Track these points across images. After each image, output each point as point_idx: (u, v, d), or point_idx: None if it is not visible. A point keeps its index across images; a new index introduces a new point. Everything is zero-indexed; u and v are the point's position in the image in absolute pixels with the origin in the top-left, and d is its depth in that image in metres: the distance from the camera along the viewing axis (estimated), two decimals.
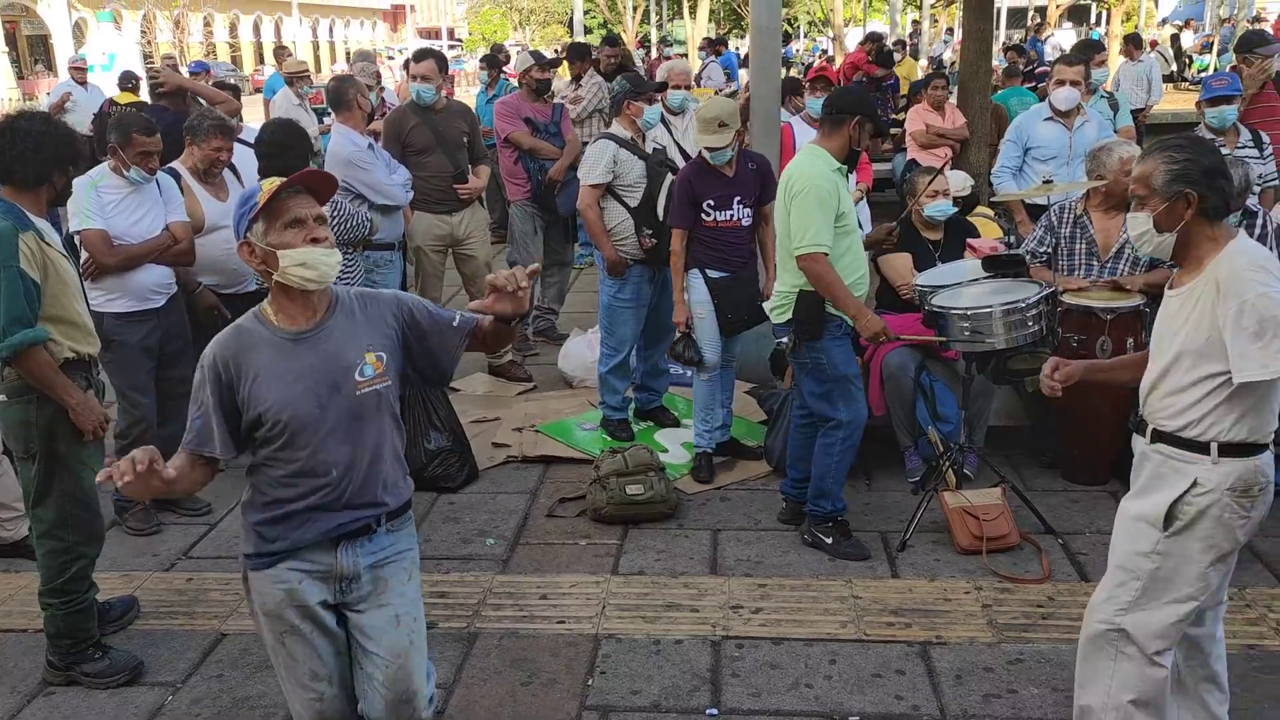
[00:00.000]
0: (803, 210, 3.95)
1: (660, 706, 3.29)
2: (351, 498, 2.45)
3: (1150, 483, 2.73)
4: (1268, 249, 4.67)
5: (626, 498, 4.48)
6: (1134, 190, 2.65)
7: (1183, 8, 33.99)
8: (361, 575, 2.51)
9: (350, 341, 2.44)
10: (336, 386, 2.40)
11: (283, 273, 2.36)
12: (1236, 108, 5.55)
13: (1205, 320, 2.56)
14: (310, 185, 2.45)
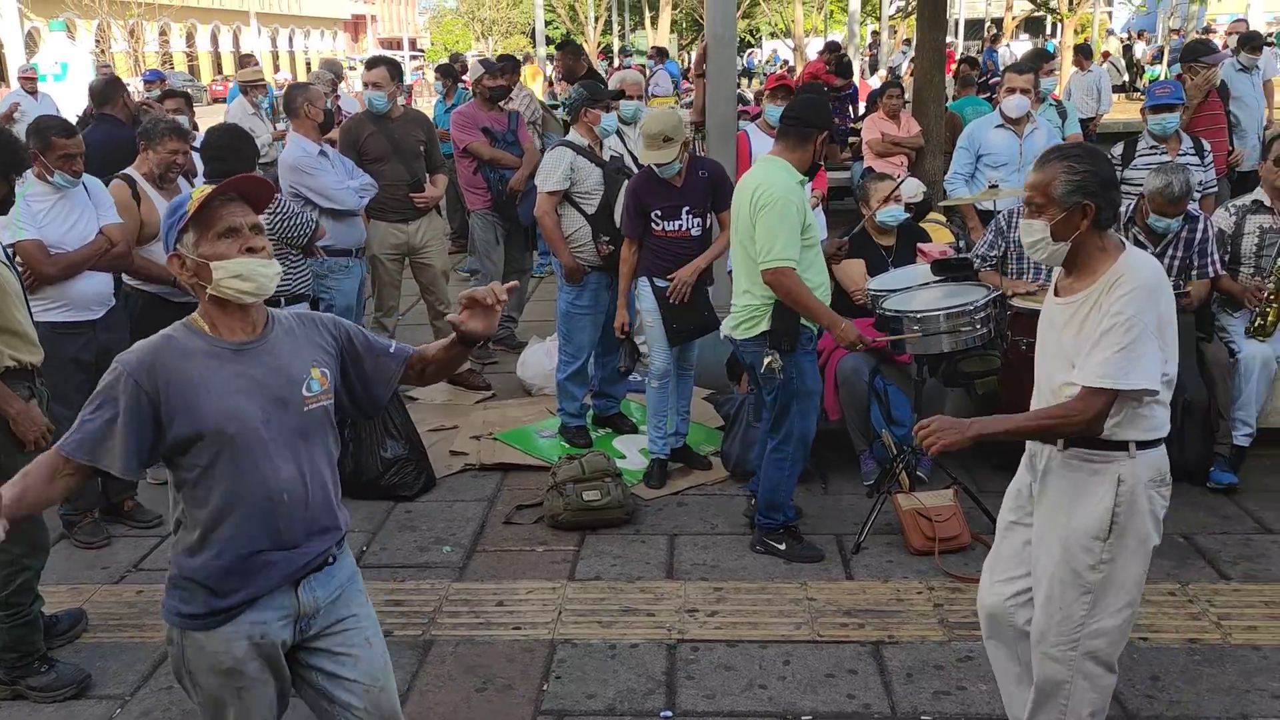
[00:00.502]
0: (770, 224, 3.89)
1: (615, 710, 3.30)
2: (309, 526, 2.29)
3: (1071, 494, 2.70)
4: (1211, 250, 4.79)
5: (583, 504, 4.49)
6: (1031, 198, 2.63)
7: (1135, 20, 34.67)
8: (320, 612, 2.35)
9: (295, 355, 2.29)
10: (283, 402, 2.24)
11: (216, 285, 2.19)
12: (1179, 115, 5.67)
13: (1090, 330, 2.58)
14: (244, 191, 2.28)
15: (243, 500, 2.20)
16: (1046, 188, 2.60)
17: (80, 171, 4.20)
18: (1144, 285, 2.54)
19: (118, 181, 4.66)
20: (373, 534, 4.57)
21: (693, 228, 4.75)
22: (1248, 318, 4.82)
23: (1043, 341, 2.77)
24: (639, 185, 4.78)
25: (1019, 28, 30.23)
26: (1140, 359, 2.52)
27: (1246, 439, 4.80)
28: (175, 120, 4.91)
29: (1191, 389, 4.69)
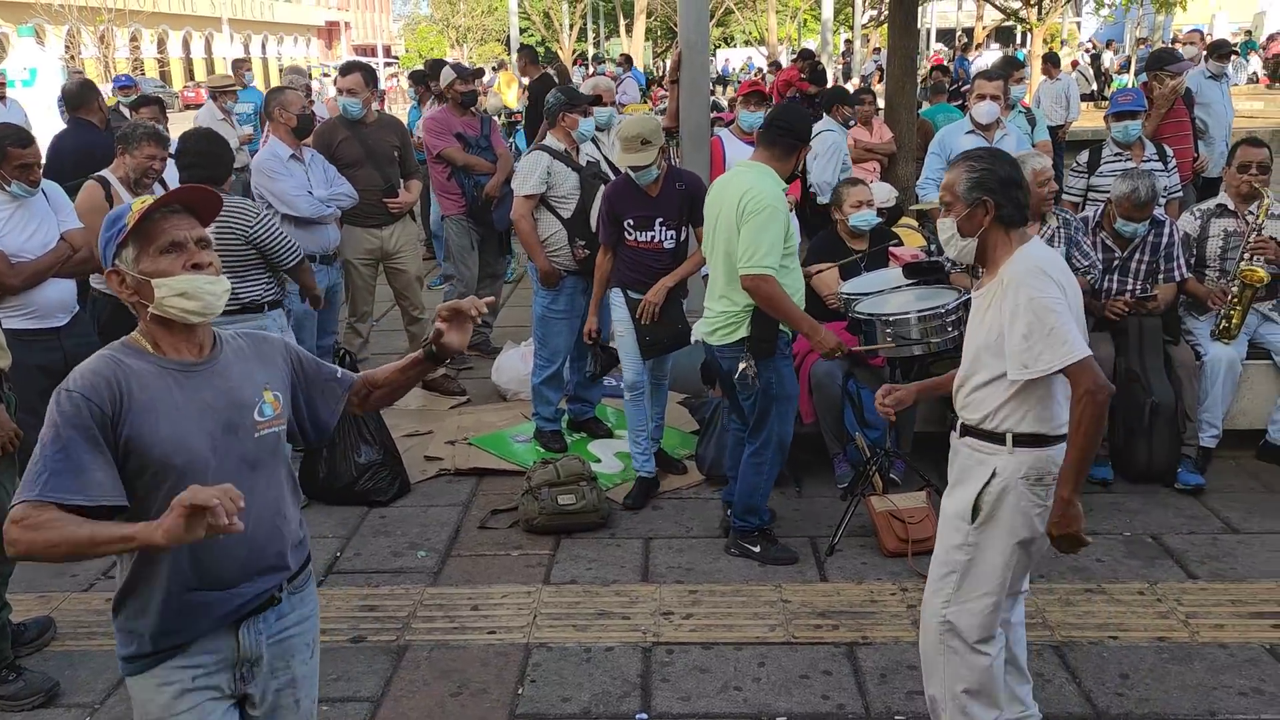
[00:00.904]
0: (757, 230, 3.86)
1: (590, 713, 3.30)
2: (249, 564, 2.09)
3: (959, 477, 2.87)
4: (1177, 253, 4.86)
5: (558, 508, 4.49)
6: (943, 197, 2.81)
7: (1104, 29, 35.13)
8: (264, 655, 2.16)
9: (247, 378, 2.13)
10: (232, 427, 2.06)
11: (159, 304, 2.00)
12: (1141, 122, 5.75)
13: (995, 320, 2.71)
14: (190, 203, 2.09)
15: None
16: (952, 186, 2.77)
17: (38, 181, 4.14)
18: (1034, 268, 2.67)
19: (91, 182, 4.63)
20: (347, 539, 4.55)
21: (666, 240, 4.68)
22: (1213, 320, 4.89)
23: (968, 333, 2.88)
24: (613, 192, 4.76)
25: (989, 37, 30.53)
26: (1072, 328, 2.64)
27: (1213, 440, 4.88)
28: (154, 125, 4.87)
29: (1159, 391, 4.76)
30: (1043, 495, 2.75)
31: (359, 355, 6.09)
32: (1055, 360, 2.61)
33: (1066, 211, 5.06)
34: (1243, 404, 4.99)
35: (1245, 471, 4.98)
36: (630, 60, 19.08)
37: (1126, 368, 4.82)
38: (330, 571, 4.27)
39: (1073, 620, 3.73)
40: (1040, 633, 3.65)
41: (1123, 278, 4.95)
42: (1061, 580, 4.01)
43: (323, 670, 3.49)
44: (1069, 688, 3.35)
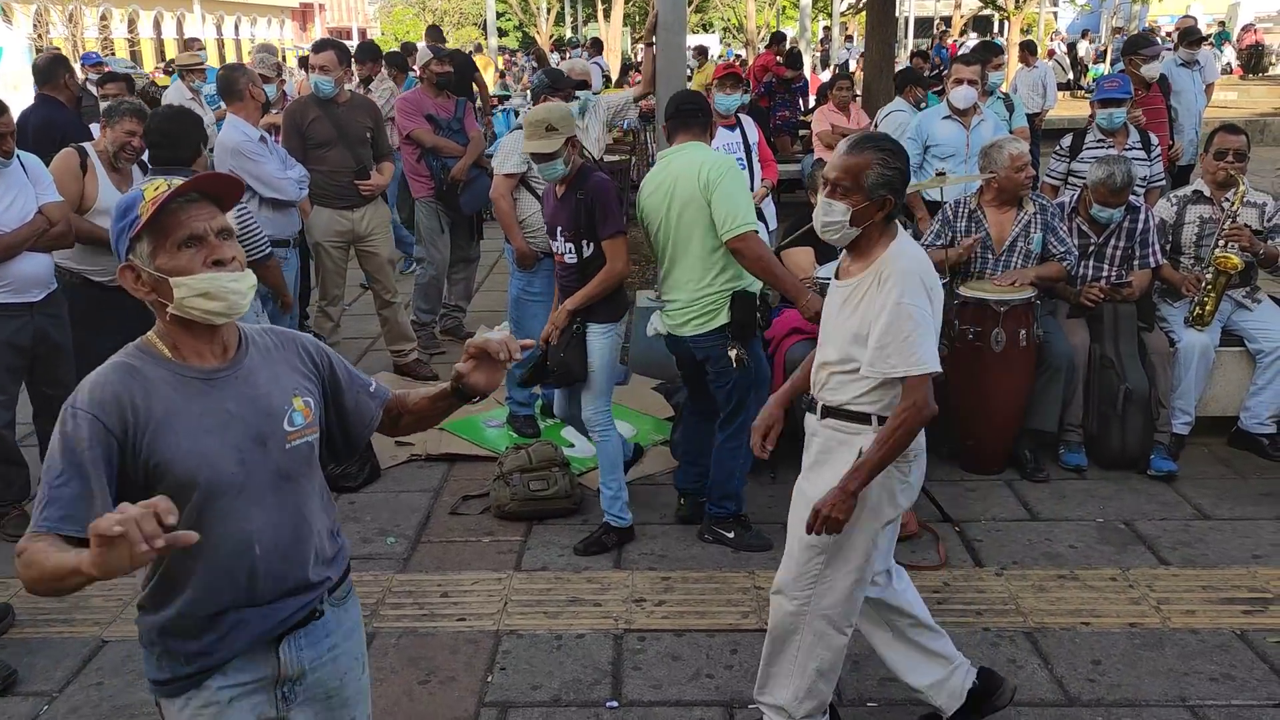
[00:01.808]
0: (729, 193, 3.83)
1: (560, 701, 3.26)
2: (286, 579, 1.94)
3: (820, 458, 2.84)
4: (1152, 240, 4.86)
5: (530, 494, 4.44)
6: (838, 179, 2.66)
7: (1080, 20, 35.25)
8: (307, 673, 2.01)
9: (274, 384, 1.95)
10: (263, 440, 1.89)
11: (179, 305, 1.82)
12: (1126, 110, 5.75)
13: (867, 310, 2.67)
14: (208, 190, 1.89)
15: (207, 553, 1.82)
16: (858, 174, 2.64)
17: (11, 151, 4.08)
18: (912, 272, 2.65)
19: (69, 150, 4.60)
20: None
21: (567, 253, 4.14)
22: (1187, 307, 4.90)
23: (826, 318, 2.85)
24: (548, 190, 4.32)
25: (967, 26, 30.57)
26: (928, 341, 2.62)
27: (1185, 427, 4.89)
28: (139, 103, 4.78)
29: (1133, 378, 4.76)
30: (906, 471, 2.78)
31: (330, 339, 6.01)
32: (900, 367, 2.62)
33: (1043, 197, 5.05)
34: (1215, 391, 5.00)
35: (1217, 458, 4.99)
36: (600, 45, 18.88)
37: (1101, 354, 4.82)
38: (360, 617, 4.19)
39: (1045, 606, 3.72)
40: (1013, 619, 3.64)
41: (1098, 263, 4.95)
42: (1034, 566, 4.01)
43: None
44: (1041, 674, 3.34)
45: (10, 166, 4.08)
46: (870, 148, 2.68)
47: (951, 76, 6.20)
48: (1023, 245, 4.83)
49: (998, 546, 4.18)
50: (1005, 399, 4.69)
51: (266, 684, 1.97)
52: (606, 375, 4.15)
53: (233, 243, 1.89)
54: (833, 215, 2.69)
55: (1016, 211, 4.86)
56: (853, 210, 2.66)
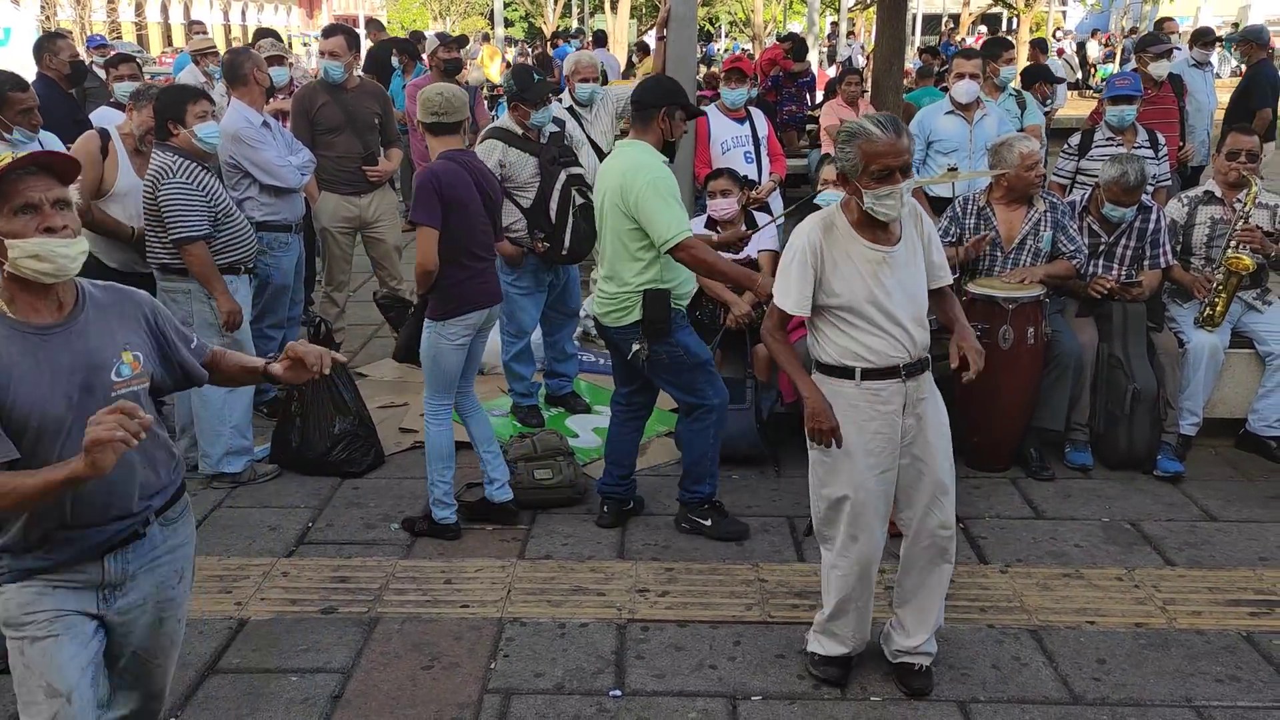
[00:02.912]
0: (654, 203, 3.81)
1: (563, 689, 3.26)
2: (109, 508, 2.23)
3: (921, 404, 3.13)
4: (1163, 240, 4.84)
5: (535, 482, 4.43)
6: (907, 162, 2.89)
7: (1089, 19, 35.16)
8: (128, 580, 2.30)
9: (105, 338, 2.22)
10: (90, 388, 2.16)
11: (13, 264, 2.07)
12: (1136, 108, 5.72)
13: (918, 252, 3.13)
14: (49, 165, 2.15)
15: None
16: (910, 148, 2.92)
17: (39, 124, 4.12)
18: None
19: (90, 133, 4.62)
20: (319, 510, 4.48)
21: None
22: (1197, 308, 4.88)
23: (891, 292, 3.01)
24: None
25: (975, 23, 30.48)
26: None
27: (1193, 428, 4.87)
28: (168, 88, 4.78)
29: (1141, 378, 4.74)
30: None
31: (335, 325, 6.01)
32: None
33: (1054, 195, 5.03)
34: (1223, 392, 4.99)
35: (1224, 460, 4.98)
36: (602, 38, 18.76)
37: (1109, 353, 4.80)
38: (302, 542, 4.20)
39: (1050, 605, 3.71)
40: (1017, 616, 3.63)
41: (1108, 263, 4.93)
42: (1039, 564, 4.00)
43: (293, 640, 3.46)
44: (1045, 671, 3.33)
45: (30, 145, 4.11)
46: (902, 126, 2.91)
47: (953, 71, 6.14)
48: (1032, 243, 4.81)
49: (1002, 544, 4.17)
50: (1012, 397, 4.68)
51: (91, 585, 2.26)
52: (429, 370, 4.14)
53: (67, 213, 2.14)
54: (909, 191, 2.94)
55: (1026, 209, 4.84)
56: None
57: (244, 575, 3.92)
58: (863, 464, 3.05)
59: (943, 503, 3.13)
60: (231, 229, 4.49)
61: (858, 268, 2.98)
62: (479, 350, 4.26)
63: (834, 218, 3.04)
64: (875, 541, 3.14)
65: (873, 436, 3.04)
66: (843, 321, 3.02)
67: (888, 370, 3.01)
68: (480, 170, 4.13)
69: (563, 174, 5.00)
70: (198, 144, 4.38)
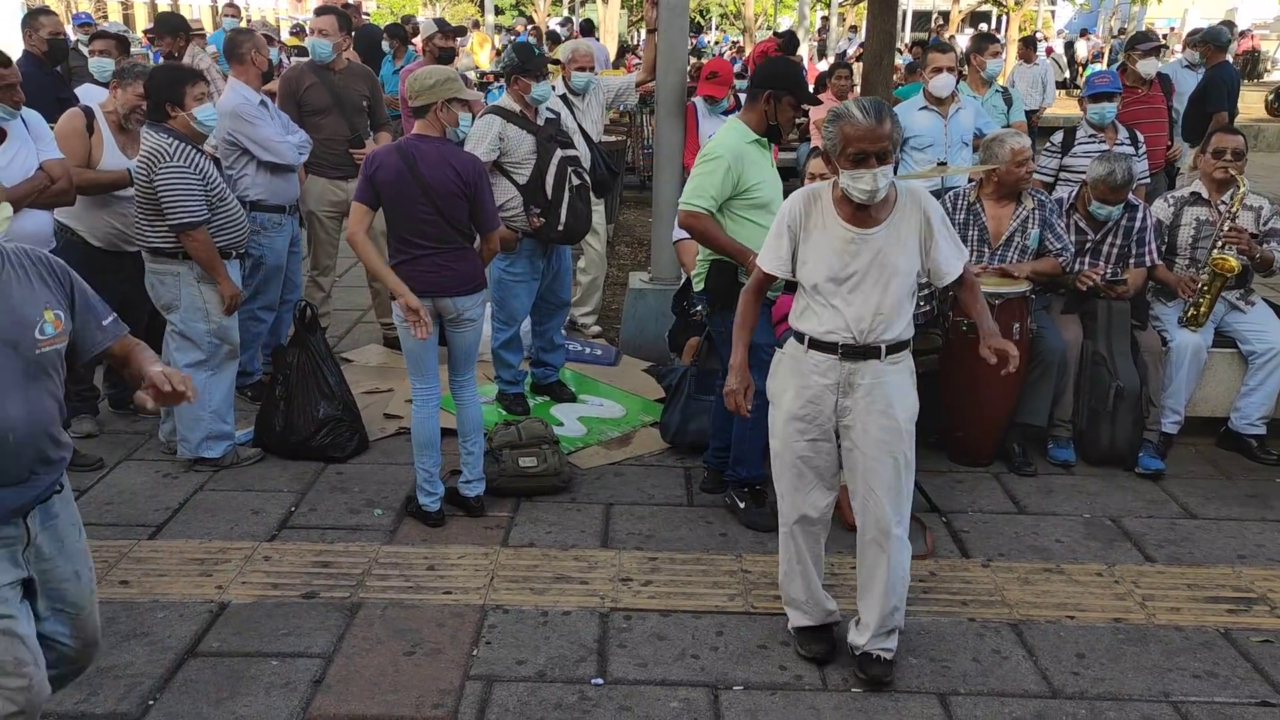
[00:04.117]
0: (697, 174, 4.06)
1: (545, 676, 3.25)
2: (35, 462, 2.31)
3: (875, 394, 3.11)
4: (1149, 239, 4.87)
5: (519, 470, 4.42)
6: (885, 148, 2.90)
7: (1077, 19, 35.28)
8: (38, 537, 2.39)
9: (28, 297, 2.28)
10: (15, 345, 2.23)
11: None
12: (1116, 105, 5.74)
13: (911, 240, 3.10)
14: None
15: None
16: (893, 137, 2.93)
17: (21, 101, 4.07)
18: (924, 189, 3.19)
19: (74, 110, 4.59)
20: (302, 494, 4.46)
21: None
22: (1181, 307, 4.90)
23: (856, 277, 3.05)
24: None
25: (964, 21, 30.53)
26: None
27: (1175, 426, 4.90)
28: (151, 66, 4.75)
29: (1124, 376, 4.77)
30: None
31: (321, 309, 5.96)
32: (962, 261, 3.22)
33: (1041, 193, 5.05)
34: (1205, 391, 5.02)
35: (1205, 458, 5.02)
36: (590, 27, 18.68)
37: (1094, 350, 4.82)
38: (284, 526, 4.18)
39: (1031, 599, 3.73)
40: (998, 610, 3.65)
41: (1094, 260, 4.95)
42: (1021, 559, 4.02)
43: (274, 625, 3.45)
44: (1025, 665, 3.35)
45: (13, 121, 4.05)
46: (886, 112, 2.92)
47: (930, 65, 6.12)
48: (1019, 240, 4.82)
49: (984, 538, 4.19)
50: (996, 392, 4.69)
51: (16, 545, 2.33)
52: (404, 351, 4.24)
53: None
54: (888, 178, 2.95)
55: (1015, 206, 4.85)
56: (892, 167, 2.94)
57: (225, 559, 3.90)
58: (792, 426, 3.18)
59: (877, 497, 3.14)
60: (225, 213, 4.46)
61: (827, 242, 3.05)
62: (456, 341, 4.23)
63: (822, 191, 3.11)
64: (799, 504, 3.25)
65: (805, 404, 3.15)
66: (806, 290, 3.13)
67: (828, 345, 3.08)
68: (429, 158, 3.96)
69: (559, 152, 5.02)
70: (196, 126, 4.35)
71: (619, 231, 9.50)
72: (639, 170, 11.24)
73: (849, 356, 3.07)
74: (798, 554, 3.33)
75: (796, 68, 4.31)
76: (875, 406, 3.09)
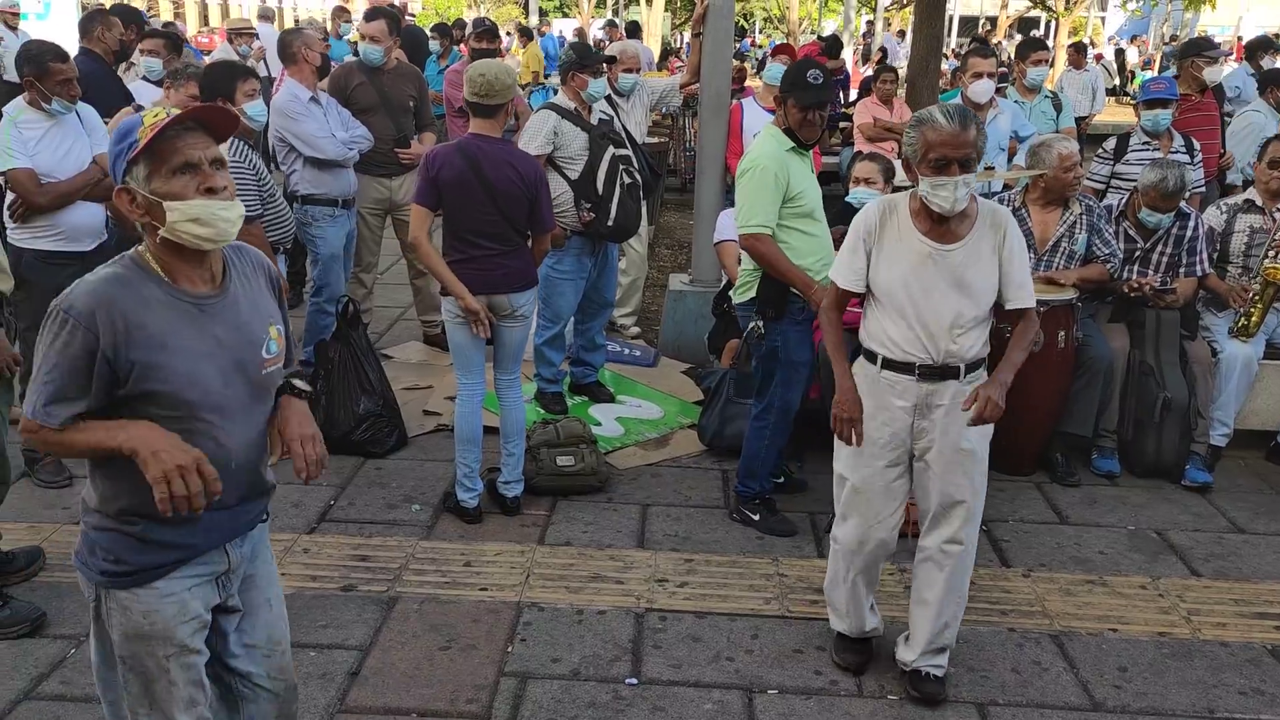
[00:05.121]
0: (747, 191, 3.93)
1: (579, 675, 3.26)
2: (250, 489, 2.15)
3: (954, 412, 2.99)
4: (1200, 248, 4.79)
5: (557, 469, 4.43)
6: (967, 155, 2.82)
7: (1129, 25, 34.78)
8: (241, 563, 2.21)
9: (254, 311, 2.11)
10: (242, 365, 2.06)
11: (170, 229, 1.93)
12: (1171, 112, 5.64)
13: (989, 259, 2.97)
14: (205, 120, 1.99)
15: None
16: (976, 145, 2.84)
17: (78, 95, 4.15)
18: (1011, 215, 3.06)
19: (128, 110, 4.62)
20: (341, 488, 4.50)
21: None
22: (1232, 317, 4.81)
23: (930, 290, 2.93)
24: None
25: (1012, 27, 30.21)
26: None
27: (1223, 439, 4.81)
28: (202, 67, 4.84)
29: (1172, 386, 4.69)
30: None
31: (362, 306, 6.02)
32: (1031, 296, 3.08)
33: (1089, 198, 4.97)
34: (1255, 404, 4.92)
35: (1254, 472, 4.92)
36: (637, 28, 18.68)
37: (1141, 360, 4.74)
38: (323, 519, 4.22)
39: (1072, 610, 3.68)
40: (1039, 621, 3.60)
41: (1143, 269, 4.87)
42: (1062, 570, 3.96)
43: (312, 617, 3.48)
44: (1066, 677, 3.30)
45: (68, 116, 4.14)
46: (970, 120, 2.84)
47: (969, 70, 6.04)
48: (1066, 246, 4.75)
49: (1025, 548, 4.14)
50: (1040, 400, 4.63)
51: (217, 576, 2.15)
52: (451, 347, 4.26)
53: (225, 173, 1.99)
54: (969, 188, 2.85)
55: (1062, 211, 4.79)
56: (974, 176, 2.86)
57: None
58: (867, 450, 3.07)
59: (950, 517, 3.07)
60: (275, 208, 4.54)
61: (903, 256, 2.95)
62: (505, 338, 4.25)
63: (898, 202, 3.02)
64: (867, 527, 3.16)
65: (880, 426, 3.04)
66: (878, 305, 3.02)
67: (904, 365, 2.98)
68: (492, 158, 4.01)
69: (611, 149, 5.07)
70: (247, 122, 4.42)
71: (660, 233, 9.50)
72: (680, 172, 11.24)
73: (927, 377, 2.97)
74: (847, 570, 3.25)
75: (797, 70, 4.19)
76: (952, 428, 2.99)
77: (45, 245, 4.14)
